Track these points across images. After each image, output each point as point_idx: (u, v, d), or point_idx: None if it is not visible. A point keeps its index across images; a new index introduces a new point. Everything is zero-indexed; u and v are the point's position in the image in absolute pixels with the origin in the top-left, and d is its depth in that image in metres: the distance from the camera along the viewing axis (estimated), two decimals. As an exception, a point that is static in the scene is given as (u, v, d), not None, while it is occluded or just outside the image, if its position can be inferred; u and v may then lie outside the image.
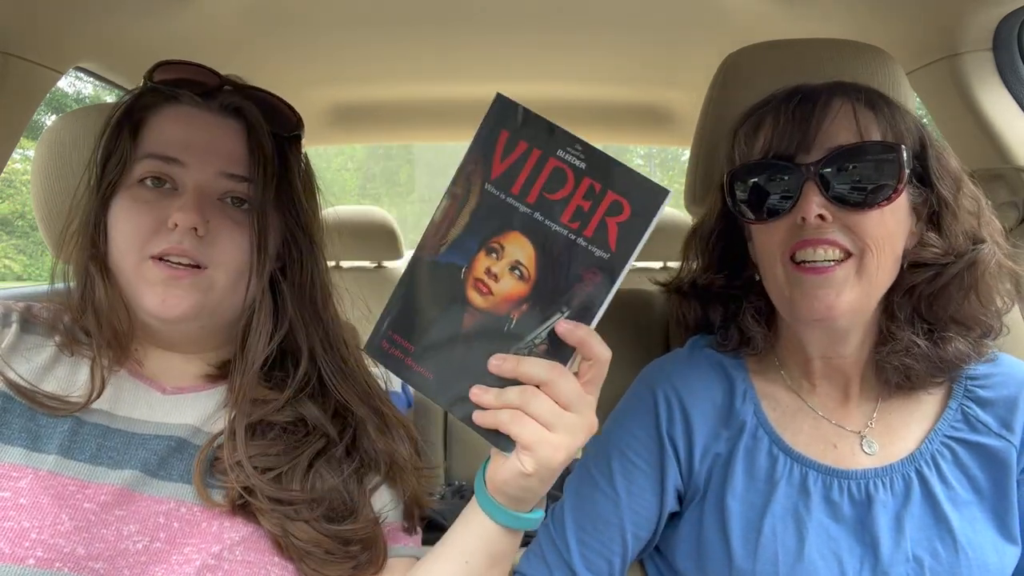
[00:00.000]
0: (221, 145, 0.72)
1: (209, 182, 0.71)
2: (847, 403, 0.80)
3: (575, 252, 0.53)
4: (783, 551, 0.74)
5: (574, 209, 0.53)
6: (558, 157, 0.53)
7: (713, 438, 0.80)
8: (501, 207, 0.54)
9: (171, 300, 0.68)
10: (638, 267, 2.48)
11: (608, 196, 0.52)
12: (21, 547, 0.58)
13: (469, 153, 0.55)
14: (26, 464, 0.63)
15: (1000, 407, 0.77)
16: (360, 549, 0.69)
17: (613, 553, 0.79)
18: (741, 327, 0.82)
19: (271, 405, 0.72)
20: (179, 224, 0.67)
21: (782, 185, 0.73)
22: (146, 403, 0.72)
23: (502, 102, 0.54)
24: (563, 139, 0.53)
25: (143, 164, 0.71)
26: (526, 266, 0.54)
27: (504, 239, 0.55)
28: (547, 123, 0.54)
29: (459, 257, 0.55)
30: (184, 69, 0.75)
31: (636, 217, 0.52)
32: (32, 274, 5.61)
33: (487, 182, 0.54)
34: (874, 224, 0.70)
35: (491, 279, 0.55)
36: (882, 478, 0.75)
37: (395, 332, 0.57)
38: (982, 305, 0.75)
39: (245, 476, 0.67)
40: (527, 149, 0.53)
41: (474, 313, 0.55)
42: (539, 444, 0.54)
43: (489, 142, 0.54)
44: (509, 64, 1.65)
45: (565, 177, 0.53)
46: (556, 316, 0.54)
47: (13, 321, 0.72)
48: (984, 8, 1.03)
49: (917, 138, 0.75)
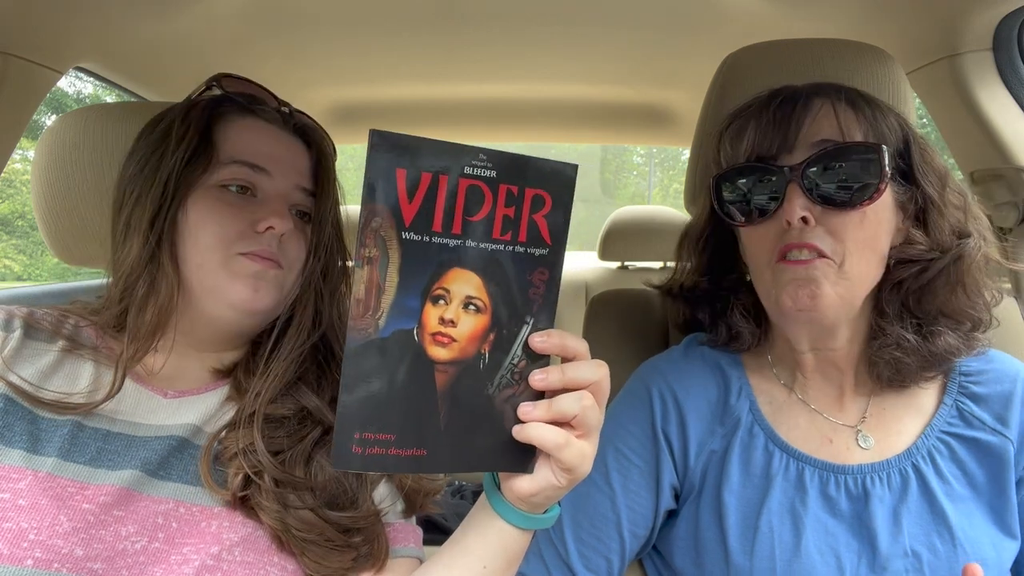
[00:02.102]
0: (296, 161, 0.79)
1: (288, 193, 0.77)
2: (841, 398, 0.81)
3: (518, 262, 0.52)
4: (780, 547, 0.74)
5: (501, 221, 0.51)
6: (466, 175, 0.49)
7: (708, 434, 0.81)
8: (429, 251, 0.50)
9: (262, 291, 0.73)
10: (638, 267, 2.48)
11: (527, 194, 0.51)
12: (19, 548, 0.59)
13: (367, 208, 0.48)
14: (26, 466, 0.63)
15: (995, 403, 0.77)
16: (361, 540, 0.70)
17: (611, 551, 0.79)
18: (729, 324, 0.83)
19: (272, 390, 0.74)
20: (275, 228, 0.73)
21: (767, 187, 0.74)
22: (148, 408, 0.72)
23: (380, 137, 0.47)
24: (464, 153, 0.49)
25: (230, 169, 0.75)
26: (478, 297, 0.52)
27: (445, 281, 0.51)
28: (440, 143, 0.49)
29: (405, 321, 0.50)
30: (249, 86, 0.82)
31: (557, 203, 0.52)
32: (32, 274, 5.62)
33: (403, 230, 0.49)
34: (856, 225, 0.71)
35: (449, 327, 0.51)
36: (879, 473, 0.76)
37: (364, 431, 0.50)
38: (969, 299, 0.76)
39: (255, 460, 0.68)
40: (432, 179, 0.48)
41: (444, 368, 0.52)
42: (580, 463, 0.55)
43: (387, 186, 0.48)
44: (509, 64, 1.65)
45: (481, 193, 0.50)
46: (524, 329, 0.53)
47: (16, 327, 0.73)
48: (984, 8, 1.03)
49: (900, 136, 0.75)
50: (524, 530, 0.62)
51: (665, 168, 12.51)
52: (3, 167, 1.10)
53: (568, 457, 0.54)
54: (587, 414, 0.54)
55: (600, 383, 0.55)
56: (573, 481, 0.56)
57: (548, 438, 0.53)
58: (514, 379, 0.54)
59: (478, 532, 0.62)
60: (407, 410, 0.51)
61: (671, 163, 11.90)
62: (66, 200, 0.84)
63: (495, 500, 0.61)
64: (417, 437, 0.52)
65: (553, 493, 0.58)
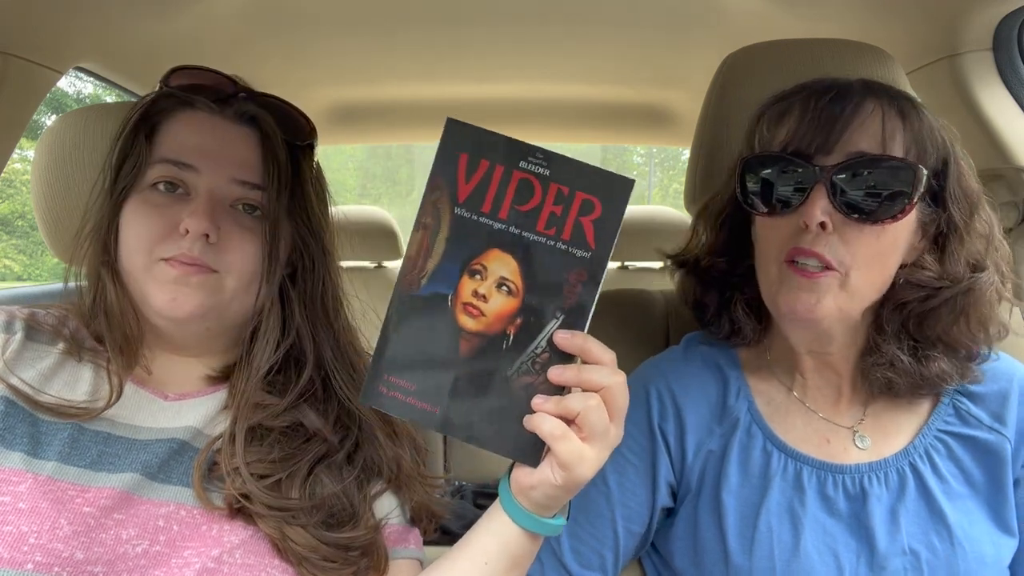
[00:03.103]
0: (235, 152, 0.73)
1: (222, 188, 0.71)
2: (839, 399, 0.81)
3: (557, 257, 0.54)
4: (779, 547, 0.74)
5: (547, 216, 0.54)
6: (521, 168, 0.54)
7: (707, 434, 0.81)
8: (475, 228, 0.55)
9: (180, 299, 0.68)
10: (638, 267, 2.48)
11: (578, 197, 0.54)
12: (20, 552, 0.58)
13: (431, 181, 0.54)
14: (26, 469, 0.63)
15: (991, 401, 0.77)
16: (360, 555, 0.69)
17: (605, 547, 0.79)
18: (732, 317, 0.83)
19: (270, 410, 0.72)
20: (190, 230, 0.68)
21: (794, 183, 0.72)
22: (149, 410, 0.72)
23: (455, 126, 0.54)
24: (522, 150, 0.54)
25: (157, 169, 0.72)
26: (512, 281, 0.55)
27: (485, 259, 0.55)
28: (503, 138, 0.54)
29: (443, 286, 0.55)
30: (200, 75, 0.76)
31: (608, 211, 0.54)
32: (32, 274, 5.62)
33: (456, 206, 0.54)
34: (870, 240, 0.70)
35: (480, 300, 0.55)
36: (876, 472, 0.76)
37: (391, 374, 0.56)
38: (971, 331, 0.74)
39: (242, 482, 0.67)
40: (489, 167, 0.54)
41: (469, 338, 0.55)
42: (577, 463, 0.55)
43: (450, 167, 0.54)
44: (509, 64, 1.65)
45: (532, 187, 0.54)
46: (552, 323, 0.55)
47: (18, 329, 0.72)
48: (984, 8, 1.03)
49: (941, 156, 0.72)
50: (528, 532, 0.62)
51: (665, 168, 12.51)
52: (3, 167, 1.10)
53: (564, 451, 0.54)
54: (590, 415, 0.54)
55: (612, 389, 0.55)
56: (570, 481, 0.56)
57: (547, 427, 0.55)
58: (534, 368, 0.56)
59: (486, 529, 0.63)
60: (430, 366, 0.56)
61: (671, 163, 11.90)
62: (66, 200, 0.84)
63: (504, 496, 0.61)
64: (434, 394, 0.56)
65: (551, 491, 0.57)
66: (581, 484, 0.57)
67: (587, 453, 0.55)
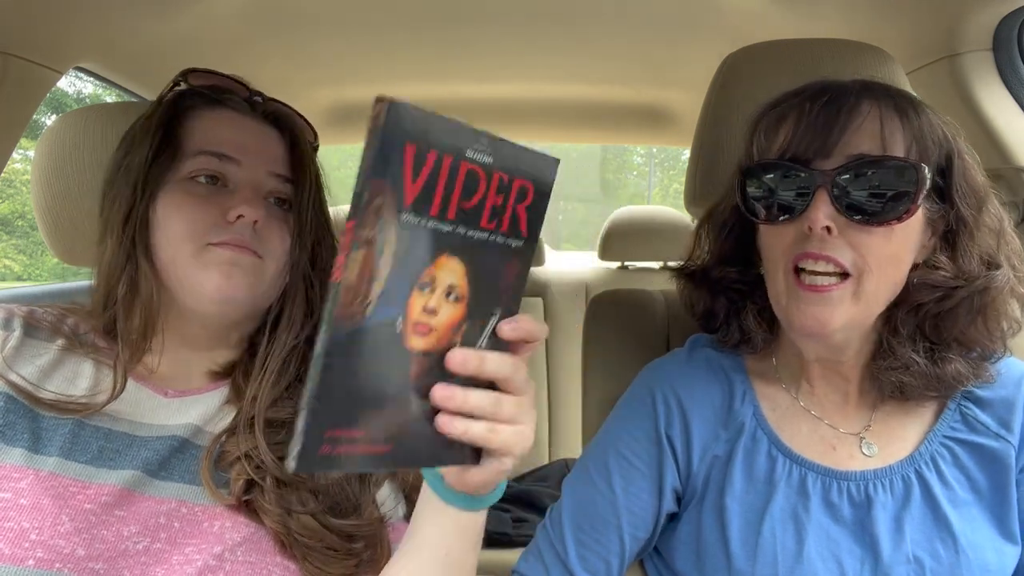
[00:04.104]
0: (268, 148, 0.78)
1: (260, 180, 0.76)
2: (845, 406, 0.80)
3: (496, 252, 0.50)
4: (782, 553, 0.74)
5: (490, 209, 0.48)
6: (468, 158, 0.46)
7: (712, 439, 0.80)
8: (423, 235, 0.45)
9: (235, 277, 0.71)
10: (638, 267, 2.48)
11: (515, 184, 0.49)
12: (21, 548, 0.59)
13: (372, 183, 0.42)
14: (27, 465, 0.63)
15: (998, 407, 0.77)
16: (363, 547, 0.69)
17: (611, 553, 0.79)
18: (742, 326, 0.82)
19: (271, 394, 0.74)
20: (245, 216, 0.71)
21: (795, 189, 0.71)
22: (149, 407, 0.72)
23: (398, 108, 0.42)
24: (469, 136, 0.45)
25: (197, 160, 0.74)
26: (459, 286, 0.49)
27: (433, 268, 0.47)
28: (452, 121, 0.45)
29: (392, 309, 0.46)
30: (216, 77, 0.80)
31: (538, 196, 0.50)
32: (32, 274, 5.61)
33: (402, 211, 0.44)
34: (879, 243, 0.69)
35: (430, 315, 0.48)
36: (881, 480, 0.75)
37: (335, 429, 0.45)
38: (987, 329, 0.73)
39: (254, 465, 0.68)
40: (437, 158, 0.44)
41: (420, 359, 0.48)
42: (515, 445, 0.52)
43: (394, 162, 0.43)
44: (509, 64, 1.65)
45: (478, 179, 0.47)
46: (492, 320, 0.51)
47: (16, 326, 0.72)
48: (984, 8, 1.03)
49: (944, 152, 0.71)
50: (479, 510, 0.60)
51: (665, 168, 12.51)
52: (3, 167, 1.10)
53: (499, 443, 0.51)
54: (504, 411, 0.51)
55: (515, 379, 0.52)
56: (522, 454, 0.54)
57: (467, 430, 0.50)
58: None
59: (432, 523, 0.60)
60: (380, 403, 0.47)
61: (671, 163, 11.89)
62: (66, 200, 0.84)
63: (443, 492, 0.59)
64: (386, 431, 0.48)
65: (501, 477, 0.56)
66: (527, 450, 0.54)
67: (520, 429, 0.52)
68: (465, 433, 0.50)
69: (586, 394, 1.01)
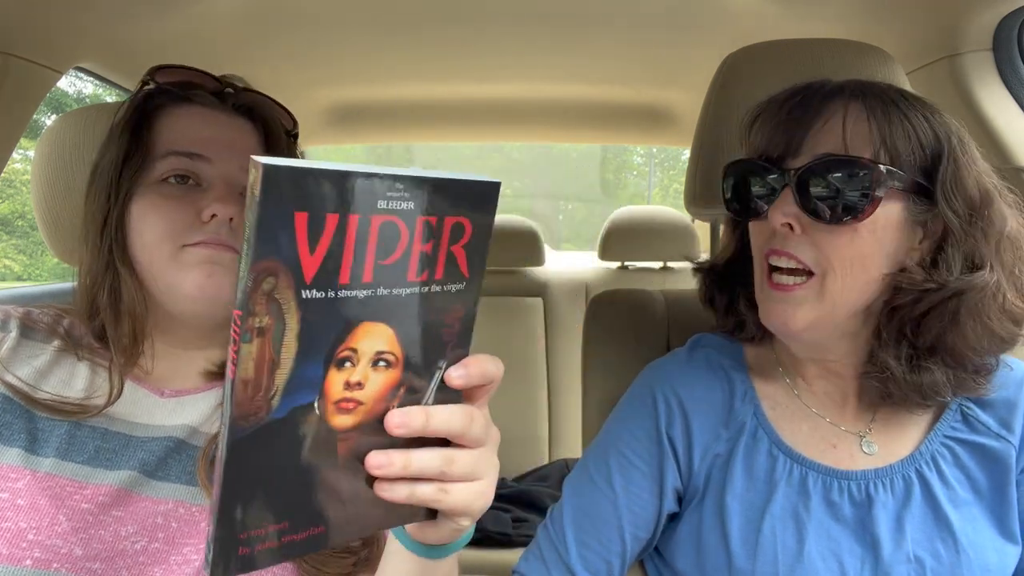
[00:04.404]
0: (239, 141, 0.75)
1: (234, 175, 0.73)
2: (845, 405, 0.80)
3: (433, 302, 0.43)
4: (783, 552, 0.74)
5: (417, 260, 0.42)
6: (380, 210, 0.39)
7: (713, 438, 0.80)
8: (333, 308, 0.40)
9: (216, 276, 0.69)
10: (638, 267, 2.48)
11: (446, 223, 0.42)
12: (18, 548, 0.58)
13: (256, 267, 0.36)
14: (24, 465, 0.63)
15: (1000, 408, 0.77)
16: (360, 545, 0.69)
17: (612, 553, 0.79)
18: (736, 311, 0.84)
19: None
20: (218, 215, 0.69)
21: (764, 187, 0.73)
22: (145, 407, 0.72)
23: (277, 172, 0.34)
24: (379, 185, 0.38)
25: (167, 161, 0.72)
26: (390, 351, 0.43)
27: (352, 340, 0.41)
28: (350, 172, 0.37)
29: (304, 395, 0.40)
30: (185, 73, 0.77)
31: (477, 229, 0.43)
32: (32, 274, 5.61)
33: (303, 289, 0.38)
34: (844, 243, 0.68)
35: (355, 390, 0.42)
36: (882, 479, 0.75)
37: (252, 529, 0.41)
38: (964, 337, 0.69)
39: None
40: (340, 220, 0.37)
41: (348, 436, 0.43)
42: (473, 503, 0.47)
43: (283, 237, 0.36)
44: (509, 64, 1.65)
45: (397, 230, 0.40)
46: (437, 375, 0.45)
47: (13, 327, 0.72)
48: (984, 8, 1.03)
49: (932, 153, 0.69)
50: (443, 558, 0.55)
51: (665, 168, 12.50)
52: (3, 167, 1.10)
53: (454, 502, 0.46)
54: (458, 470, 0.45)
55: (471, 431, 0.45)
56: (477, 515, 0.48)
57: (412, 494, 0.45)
58: None
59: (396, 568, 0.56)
60: (304, 491, 0.42)
61: (671, 163, 11.89)
62: (66, 200, 0.84)
63: (403, 539, 0.54)
64: (315, 515, 0.43)
65: (463, 533, 0.52)
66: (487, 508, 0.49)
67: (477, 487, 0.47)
68: (411, 497, 0.45)
69: (586, 394, 1.01)
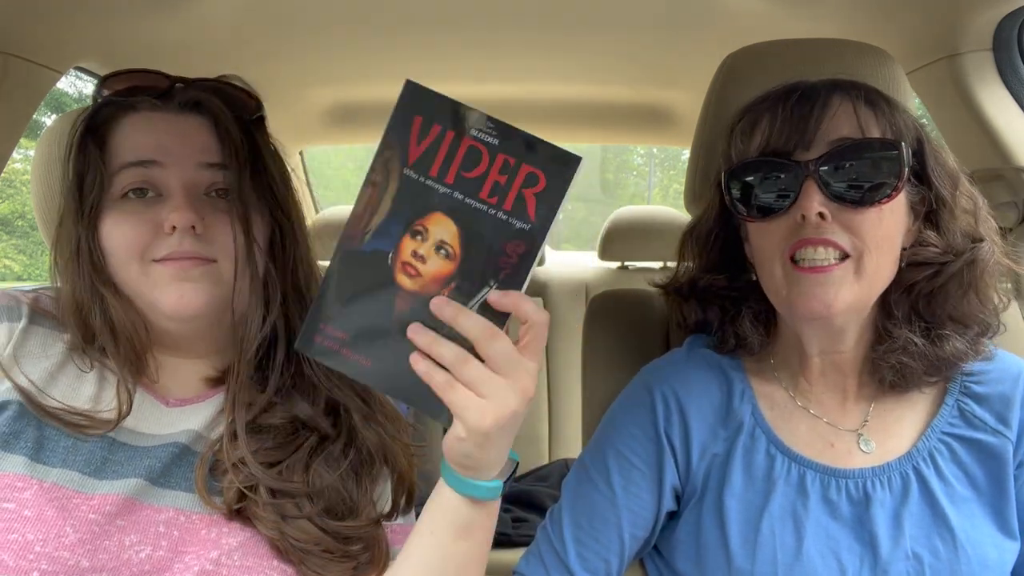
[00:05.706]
0: (191, 139, 0.72)
1: (191, 177, 0.70)
2: (844, 402, 0.80)
3: (496, 226, 0.55)
4: (782, 550, 0.74)
5: (491, 185, 0.54)
6: (471, 136, 0.54)
7: (711, 438, 0.80)
8: (421, 190, 0.55)
9: (187, 295, 0.68)
10: (638, 267, 2.48)
11: (523, 168, 0.54)
12: (26, 560, 0.58)
13: (384, 140, 0.55)
14: (30, 475, 0.63)
15: (996, 403, 0.77)
16: (361, 549, 0.69)
17: (610, 552, 0.79)
18: (737, 331, 0.82)
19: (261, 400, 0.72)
20: (177, 225, 0.67)
21: (780, 183, 0.73)
22: (152, 416, 0.71)
23: (413, 88, 0.55)
24: (475, 119, 0.54)
25: (122, 176, 0.70)
26: (451, 245, 0.55)
27: (427, 221, 0.55)
28: (458, 105, 0.54)
29: (384, 243, 0.56)
30: (133, 77, 0.75)
31: (552, 186, 0.54)
32: (32, 274, 5.61)
33: (405, 167, 0.55)
34: (873, 224, 0.70)
35: (418, 261, 0.56)
36: (880, 477, 0.75)
37: (327, 324, 0.57)
38: (980, 303, 0.75)
39: (247, 473, 0.67)
40: (441, 131, 0.54)
41: (405, 296, 0.56)
42: (465, 409, 0.54)
43: (403, 128, 0.55)
44: (509, 64, 1.65)
45: (480, 155, 0.54)
46: (485, 290, 0.55)
47: (23, 315, 0.71)
48: (984, 8, 1.03)
49: (915, 136, 0.75)
50: (467, 498, 0.60)
51: (665, 168, 12.50)
52: (3, 167, 1.10)
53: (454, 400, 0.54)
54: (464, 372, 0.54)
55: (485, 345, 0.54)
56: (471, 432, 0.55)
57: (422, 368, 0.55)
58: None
59: (430, 501, 0.63)
60: (365, 320, 0.57)
61: (671, 163, 11.89)
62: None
63: (443, 464, 0.61)
64: (367, 347, 0.57)
65: (459, 446, 0.56)
66: (486, 436, 0.55)
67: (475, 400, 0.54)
68: (426, 374, 0.54)
69: (586, 394, 1.01)
